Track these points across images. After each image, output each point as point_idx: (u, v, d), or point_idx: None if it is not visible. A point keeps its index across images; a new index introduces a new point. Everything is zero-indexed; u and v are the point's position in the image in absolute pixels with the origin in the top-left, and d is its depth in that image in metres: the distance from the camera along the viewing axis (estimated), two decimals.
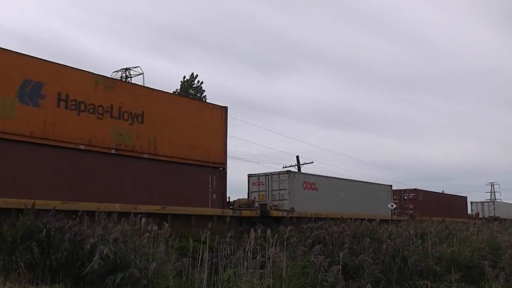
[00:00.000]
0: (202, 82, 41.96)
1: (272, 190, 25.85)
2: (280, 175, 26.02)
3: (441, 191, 45.11)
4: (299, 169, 45.46)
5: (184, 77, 41.91)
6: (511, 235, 20.28)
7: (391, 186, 34.64)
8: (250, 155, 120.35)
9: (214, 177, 18.67)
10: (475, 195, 61.01)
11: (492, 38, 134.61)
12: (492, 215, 54.48)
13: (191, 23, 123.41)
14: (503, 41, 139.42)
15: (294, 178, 25.93)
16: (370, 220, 17.70)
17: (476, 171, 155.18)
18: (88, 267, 9.28)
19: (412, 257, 13.63)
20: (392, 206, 30.95)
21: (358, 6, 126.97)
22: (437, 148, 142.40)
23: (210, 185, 18.45)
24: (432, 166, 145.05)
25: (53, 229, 10.56)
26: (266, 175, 26.59)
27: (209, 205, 18.24)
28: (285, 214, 23.20)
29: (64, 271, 9.99)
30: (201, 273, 10.64)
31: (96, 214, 11.70)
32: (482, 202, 61.04)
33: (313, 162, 46.76)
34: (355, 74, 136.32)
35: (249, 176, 27.42)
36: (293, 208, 24.47)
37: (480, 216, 53.49)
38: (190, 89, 41.51)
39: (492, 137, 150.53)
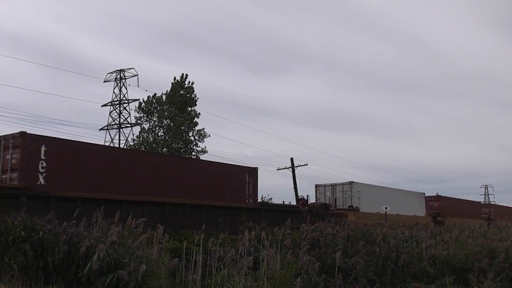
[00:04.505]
0: (193, 83, 41.82)
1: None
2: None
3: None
4: (293, 171, 45.37)
5: (175, 78, 41.76)
6: (506, 239, 20.31)
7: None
8: (245, 157, 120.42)
9: None
10: (470, 197, 61.83)
11: (488, 41, 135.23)
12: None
13: (186, 25, 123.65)
14: (499, 44, 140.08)
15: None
16: None
17: (471, 174, 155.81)
18: (87, 267, 9.29)
19: (403, 258, 13.65)
20: (386, 208, 32.71)
21: (354, 8, 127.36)
22: (432, 150, 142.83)
23: None
24: (427, 168, 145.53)
25: (46, 231, 10.57)
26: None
27: None
28: None
29: (58, 273, 9.99)
30: (194, 275, 10.64)
31: (93, 215, 11.71)
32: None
33: (307, 165, 46.67)
34: (351, 76, 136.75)
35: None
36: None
37: None
38: (181, 89, 41.33)
39: (487, 140, 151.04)
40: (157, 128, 41.71)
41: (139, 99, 44.96)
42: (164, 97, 41.53)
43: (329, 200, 34.12)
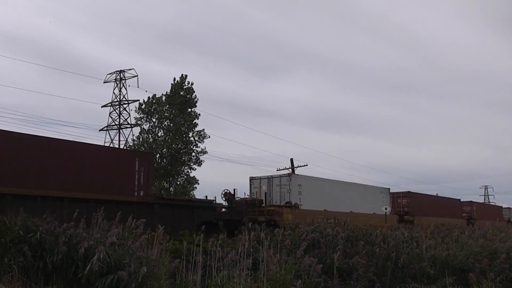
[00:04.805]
0: (192, 84, 41.89)
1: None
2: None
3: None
4: (293, 172, 45.35)
5: (174, 79, 41.81)
6: (506, 239, 20.32)
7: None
8: (244, 157, 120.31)
9: None
10: (469, 198, 61.26)
11: (486, 41, 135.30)
12: None
13: (186, 25, 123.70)
14: (497, 44, 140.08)
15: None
16: None
17: (470, 174, 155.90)
18: (87, 268, 9.27)
19: (403, 259, 13.65)
20: (386, 209, 31.67)
21: (353, 9, 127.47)
22: (432, 150, 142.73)
23: None
24: (427, 169, 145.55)
25: (44, 232, 10.57)
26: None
27: None
28: None
29: (58, 274, 9.99)
30: (194, 275, 10.63)
31: (93, 216, 11.70)
32: None
33: (307, 165, 46.53)
34: (350, 76, 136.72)
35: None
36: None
37: None
38: (181, 90, 41.39)
39: (486, 140, 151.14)
40: (157, 128, 41.84)
41: (139, 100, 45.08)
42: (164, 98, 41.67)
43: (258, 195, 28.87)
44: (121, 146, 48.21)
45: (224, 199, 25.03)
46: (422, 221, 34.17)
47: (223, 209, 24.21)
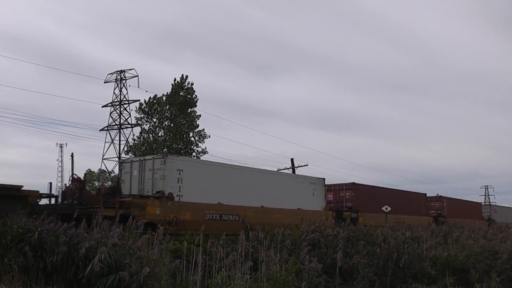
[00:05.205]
0: (192, 84, 41.94)
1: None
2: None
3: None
4: (293, 171, 45.11)
5: (175, 79, 41.86)
6: (506, 239, 20.30)
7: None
8: (245, 157, 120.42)
9: None
10: (470, 198, 59.86)
11: (486, 41, 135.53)
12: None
13: (187, 26, 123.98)
14: (497, 44, 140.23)
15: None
16: None
17: (470, 174, 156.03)
18: (88, 269, 9.26)
19: (404, 259, 13.64)
20: (386, 209, 31.20)
21: (353, 9, 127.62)
22: (432, 151, 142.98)
23: None
24: (427, 169, 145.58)
25: (45, 231, 10.56)
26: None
27: None
28: None
29: (58, 274, 9.99)
30: (194, 276, 10.61)
31: (93, 216, 11.69)
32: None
33: (307, 165, 46.43)
34: (351, 77, 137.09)
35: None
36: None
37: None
38: (181, 91, 41.44)
39: (487, 140, 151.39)
40: (157, 128, 41.89)
41: (139, 100, 45.09)
42: (164, 98, 41.71)
43: (129, 182, 22.32)
44: (122, 146, 48.26)
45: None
46: (369, 220, 28.11)
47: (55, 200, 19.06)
